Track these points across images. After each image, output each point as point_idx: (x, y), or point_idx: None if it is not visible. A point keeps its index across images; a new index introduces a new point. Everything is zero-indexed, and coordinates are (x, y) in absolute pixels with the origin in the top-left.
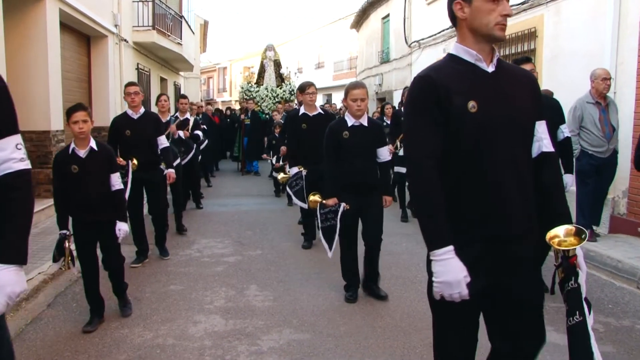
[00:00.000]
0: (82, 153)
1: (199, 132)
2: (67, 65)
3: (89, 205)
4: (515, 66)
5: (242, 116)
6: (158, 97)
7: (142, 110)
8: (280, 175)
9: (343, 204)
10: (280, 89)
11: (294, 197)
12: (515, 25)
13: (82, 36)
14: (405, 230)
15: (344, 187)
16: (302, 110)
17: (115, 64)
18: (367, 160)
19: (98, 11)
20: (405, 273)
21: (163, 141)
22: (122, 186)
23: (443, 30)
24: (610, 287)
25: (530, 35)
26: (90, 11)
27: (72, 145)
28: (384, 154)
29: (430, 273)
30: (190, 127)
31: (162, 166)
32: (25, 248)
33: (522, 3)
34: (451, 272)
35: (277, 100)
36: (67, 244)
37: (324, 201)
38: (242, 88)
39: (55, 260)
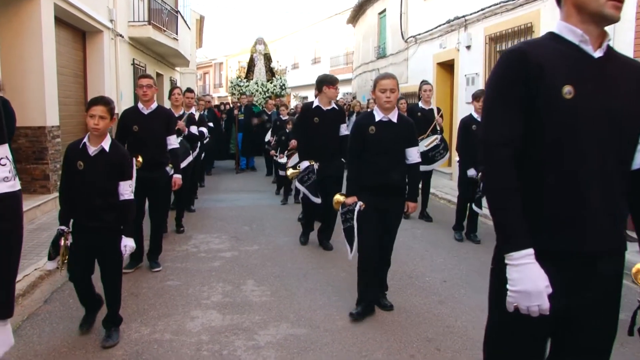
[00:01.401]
0: (91, 150)
1: (204, 129)
2: (63, 61)
3: (90, 210)
4: (630, 58)
5: (236, 112)
6: (171, 91)
7: (154, 105)
8: (290, 171)
9: (359, 203)
10: (271, 83)
11: (306, 192)
12: (512, 20)
13: (77, 31)
14: (402, 225)
15: (364, 188)
16: (316, 102)
17: (111, 59)
18: (392, 161)
19: (93, 6)
20: (402, 267)
21: (173, 141)
22: (132, 196)
23: (440, 25)
24: None
25: (527, 30)
26: (85, 6)
27: (85, 140)
28: (413, 155)
29: (496, 278)
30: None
31: (169, 168)
32: (11, 297)
33: None
34: (531, 279)
35: (267, 95)
36: (63, 242)
37: (344, 200)
38: (232, 82)
39: (50, 258)
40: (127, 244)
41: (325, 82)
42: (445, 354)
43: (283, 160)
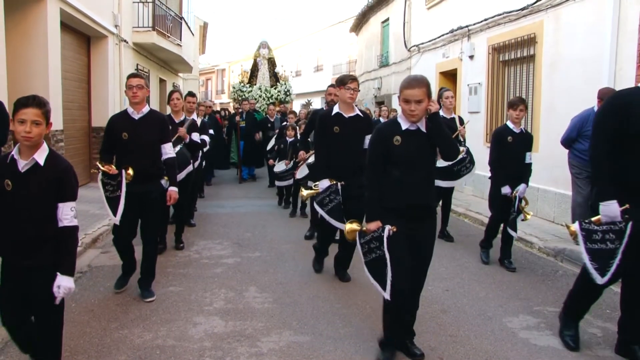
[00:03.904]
0: (21, 165)
1: (206, 137)
2: (67, 65)
3: (20, 243)
4: None
5: (238, 118)
6: (169, 95)
7: (145, 109)
8: (305, 192)
9: (388, 227)
10: (275, 89)
11: (327, 217)
12: (515, 31)
13: (82, 36)
14: None
15: (389, 211)
16: (335, 109)
17: (115, 64)
18: (424, 177)
19: (98, 11)
20: None
21: (168, 150)
22: (73, 222)
23: (443, 35)
24: (608, 292)
25: (530, 41)
26: (90, 11)
27: (14, 152)
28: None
29: None
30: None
31: (164, 181)
32: None
33: (522, 9)
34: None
35: (270, 101)
36: None
37: (364, 228)
38: (234, 88)
39: None
40: (62, 283)
41: (337, 85)
42: None
43: (278, 168)
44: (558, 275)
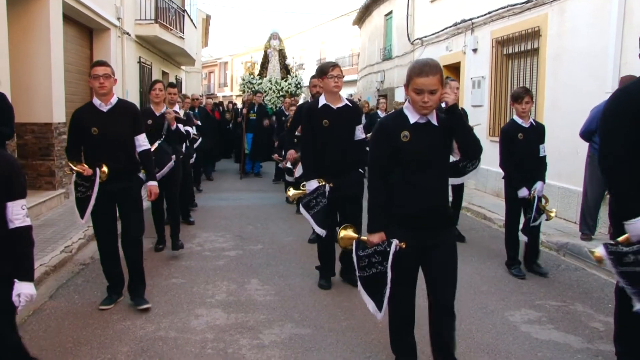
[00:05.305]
0: None
1: (190, 129)
2: (69, 58)
3: None
4: None
5: (244, 110)
6: (151, 86)
7: (114, 99)
8: (291, 192)
9: (395, 241)
10: (286, 81)
11: (311, 221)
12: (519, 24)
13: (84, 29)
14: None
15: (397, 218)
16: (322, 100)
17: (118, 57)
18: (439, 178)
19: (101, 4)
20: None
21: (142, 142)
22: (26, 222)
23: (446, 28)
24: (610, 287)
25: (534, 34)
26: (93, 4)
27: None
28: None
29: None
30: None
31: (142, 175)
32: None
33: (526, 2)
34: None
35: (281, 94)
36: None
37: (363, 237)
38: (244, 80)
39: None
40: (23, 291)
41: (318, 75)
42: None
43: (287, 165)
44: (560, 269)
